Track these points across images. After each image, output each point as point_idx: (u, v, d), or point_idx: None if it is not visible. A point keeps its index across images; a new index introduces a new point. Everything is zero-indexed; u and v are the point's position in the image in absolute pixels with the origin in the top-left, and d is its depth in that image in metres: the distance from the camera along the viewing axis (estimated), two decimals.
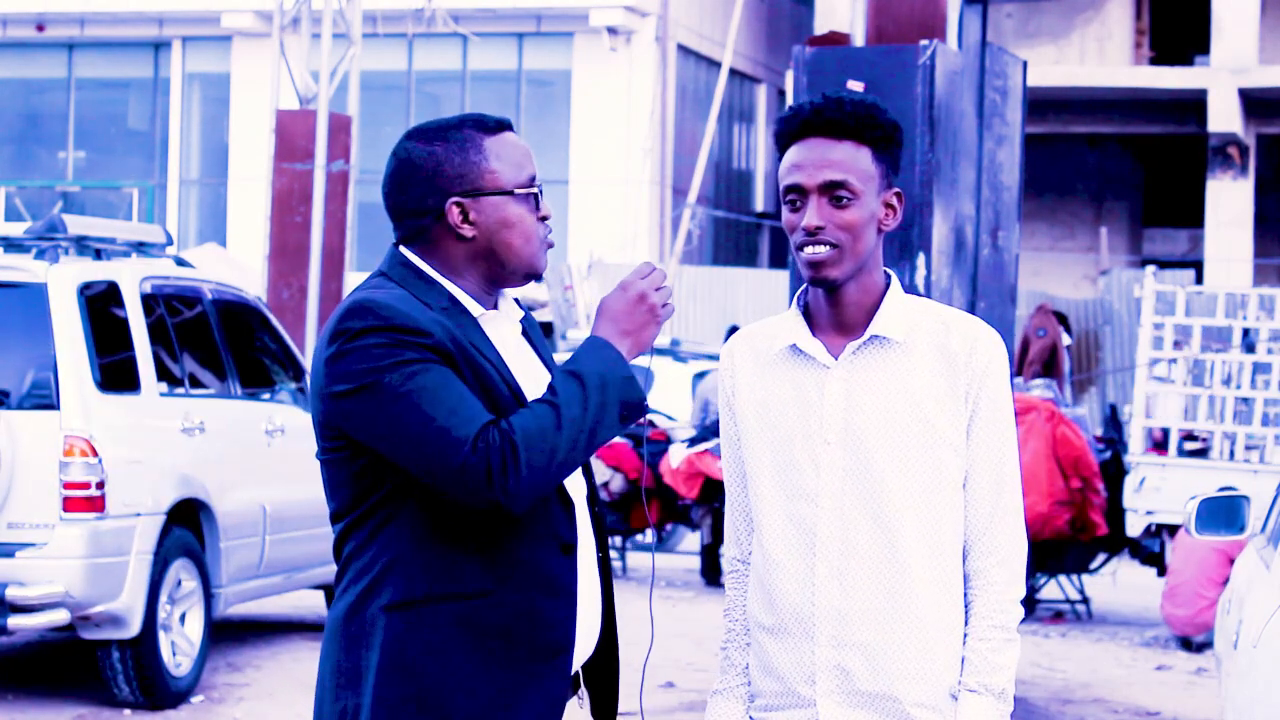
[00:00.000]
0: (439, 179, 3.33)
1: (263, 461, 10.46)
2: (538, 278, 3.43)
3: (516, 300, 3.51)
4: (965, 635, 3.41)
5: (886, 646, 3.37)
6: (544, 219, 3.40)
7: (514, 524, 3.25)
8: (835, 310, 3.44)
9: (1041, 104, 27.50)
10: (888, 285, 3.46)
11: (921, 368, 3.41)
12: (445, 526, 3.24)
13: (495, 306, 3.42)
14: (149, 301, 9.71)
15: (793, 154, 3.42)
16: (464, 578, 3.24)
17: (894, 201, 3.44)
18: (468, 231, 3.34)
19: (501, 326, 3.41)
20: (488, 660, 3.24)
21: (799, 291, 3.52)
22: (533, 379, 3.38)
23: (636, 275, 3.32)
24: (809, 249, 3.38)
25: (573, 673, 3.35)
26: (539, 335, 3.53)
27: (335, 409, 3.24)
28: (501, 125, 3.39)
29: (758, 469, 3.47)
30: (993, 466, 3.43)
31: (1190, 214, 33.50)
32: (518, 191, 3.35)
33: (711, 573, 15.30)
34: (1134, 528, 13.93)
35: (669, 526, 17.20)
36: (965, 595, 3.44)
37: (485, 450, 3.14)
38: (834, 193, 3.38)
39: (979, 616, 3.41)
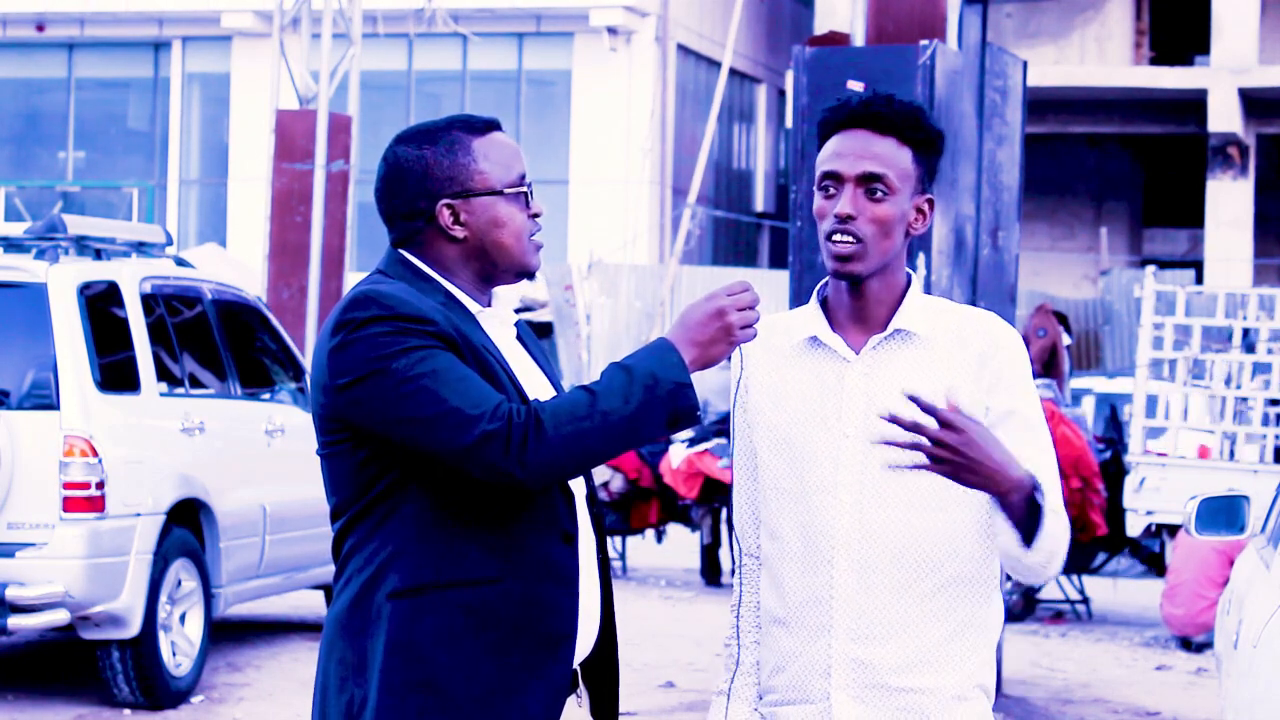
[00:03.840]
0: (429, 182, 3.35)
1: (263, 461, 10.46)
2: (530, 275, 3.44)
3: (515, 311, 3.51)
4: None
5: (906, 639, 3.36)
6: (535, 216, 3.42)
7: (517, 512, 3.27)
8: (857, 306, 3.43)
9: (1041, 104, 27.49)
10: (908, 284, 3.47)
11: (943, 363, 3.40)
12: (448, 516, 3.25)
13: (489, 305, 3.43)
14: (149, 301, 9.71)
15: (834, 143, 3.42)
16: (469, 565, 3.25)
17: (925, 207, 3.45)
18: (459, 232, 3.36)
19: (497, 326, 3.42)
20: (493, 647, 3.25)
21: (819, 285, 3.52)
22: (530, 380, 3.39)
23: (724, 290, 3.29)
24: (838, 239, 3.37)
25: (575, 664, 3.36)
26: (534, 340, 3.54)
27: (341, 400, 3.25)
28: (489, 125, 3.41)
29: (772, 460, 3.46)
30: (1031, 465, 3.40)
31: (1190, 214, 33.49)
32: (507, 191, 3.37)
33: (711, 573, 15.29)
34: (1134, 528, 13.93)
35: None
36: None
37: (506, 420, 3.15)
38: (870, 185, 3.38)
39: None
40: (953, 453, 3.17)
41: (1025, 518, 3.26)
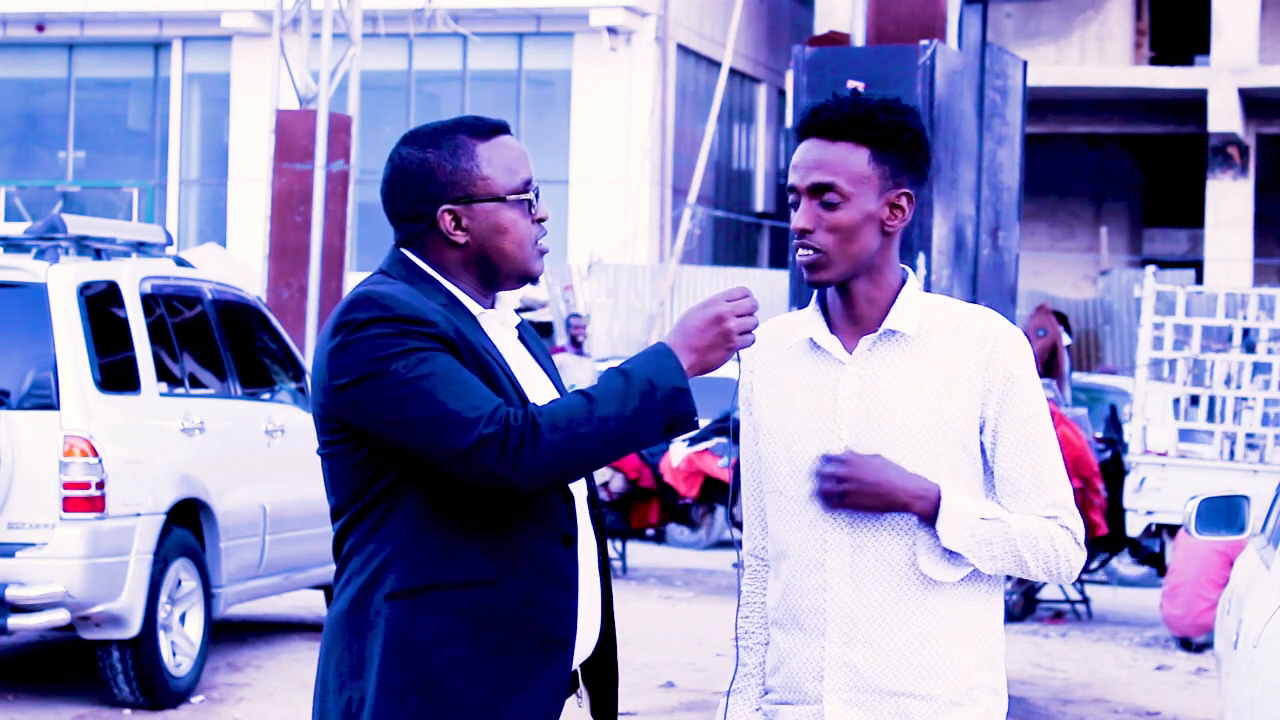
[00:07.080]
0: (431, 186, 3.34)
1: (263, 461, 10.45)
2: (533, 280, 3.44)
3: (516, 311, 3.51)
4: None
5: (900, 643, 3.36)
6: (540, 220, 3.40)
7: (516, 514, 3.26)
8: (848, 307, 3.44)
9: (1041, 104, 27.48)
10: (903, 283, 3.46)
11: (937, 363, 3.40)
12: (447, 517, 3.25)
13: (492, 306, 3.43)
14: (149, 301, 9.70)
15: (795, 154, 3.44)
16: (467, 566, 3.25)
17: (901, 202, 3.41)
18: (460, 238, 3.36)
19: (499, 327, 3.42)
20: (490, 648, 3.25)
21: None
22: (531, 381, 3.39)
23: (724, 295, 3.29)
24: (801, 251, 3.40)
25: (574, 666, 3.35)
26: (536, 340, 3.54)
27: (340, 400, 3.25)
28: (496, 129, 3.39)
29: (772, 462, 3.46)
30: (1030, 465, 3.44)
31: (1190, 214, 33.50)
32: (510, 197, 3.36)
33: None
34: (1134, 528, 13.93)
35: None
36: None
37: (503, 424, 3.15)
38: (823, 195, 3.37)
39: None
40: (840, 481, 3.29)
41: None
